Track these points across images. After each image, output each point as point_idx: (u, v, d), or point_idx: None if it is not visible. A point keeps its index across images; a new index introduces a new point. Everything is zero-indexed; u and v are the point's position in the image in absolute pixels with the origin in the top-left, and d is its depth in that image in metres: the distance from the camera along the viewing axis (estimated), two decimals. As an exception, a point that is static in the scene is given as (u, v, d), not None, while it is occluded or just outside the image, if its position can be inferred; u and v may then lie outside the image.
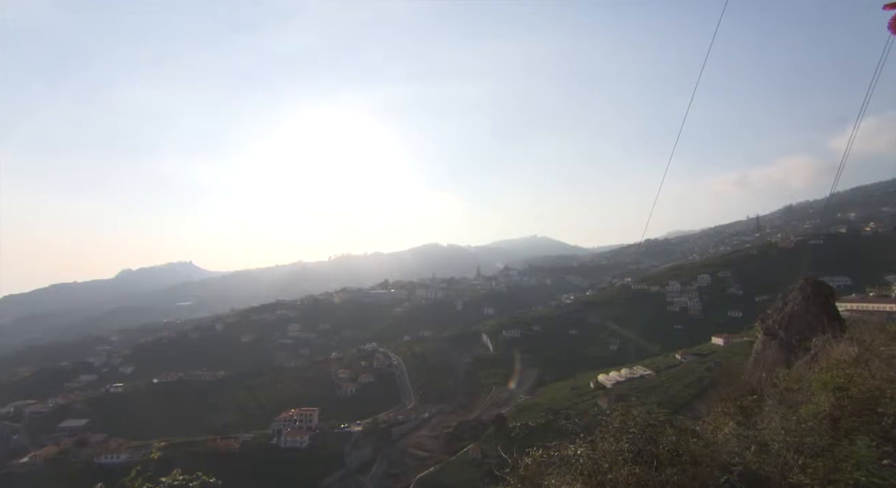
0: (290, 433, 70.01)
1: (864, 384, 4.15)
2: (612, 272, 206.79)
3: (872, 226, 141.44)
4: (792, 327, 9.86)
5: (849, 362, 4.87)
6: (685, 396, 56.41)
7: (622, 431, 3.62)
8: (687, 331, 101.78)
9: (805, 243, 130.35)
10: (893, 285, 76.36)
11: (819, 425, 3.77)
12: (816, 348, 7.09)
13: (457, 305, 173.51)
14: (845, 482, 2.98)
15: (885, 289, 72.29)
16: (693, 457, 3.18)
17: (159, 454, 40.95)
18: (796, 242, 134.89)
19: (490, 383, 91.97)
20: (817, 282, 9.73)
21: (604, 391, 66.63)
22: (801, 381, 5.27)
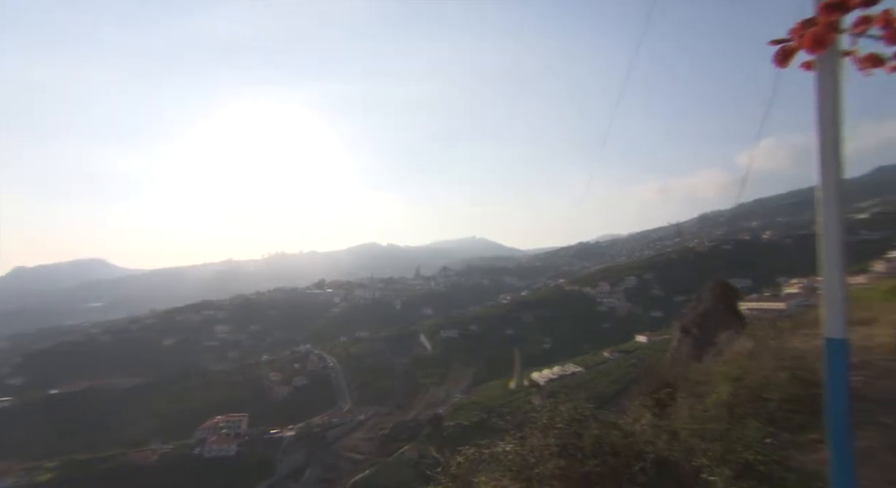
0: (216, 441, 65.97)
1: (756, 374, 4.64)
2: (547, 273, 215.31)
3: (769, 233, 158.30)
4: (704, 325, 10.72)
5: (745, 355, 5.44)
6: (611, 391, 59.92)
7: (550, 427, 3.78)
8: (614, 329, 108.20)
9: (717, 248, 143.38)
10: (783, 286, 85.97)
11: (719, 412, 4.18)
12: (722, 344, 7.82)
13: (395, 305, 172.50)
14: (736, 461, 3.33)
15: (777, 290, 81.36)
16: (613, 448, 3.39)
17: (51, 474, 36.12)
18: (709, 247, 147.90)
19: (428, 383, 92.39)
20: (725, 283, 10.72)
21: (537, 388, 69.16)
22: (708, 374, 5.79)
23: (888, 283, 15.31)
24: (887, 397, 4.68)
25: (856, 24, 1.84)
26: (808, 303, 54.89)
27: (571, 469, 3.31)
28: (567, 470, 3.25)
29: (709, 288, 10.48)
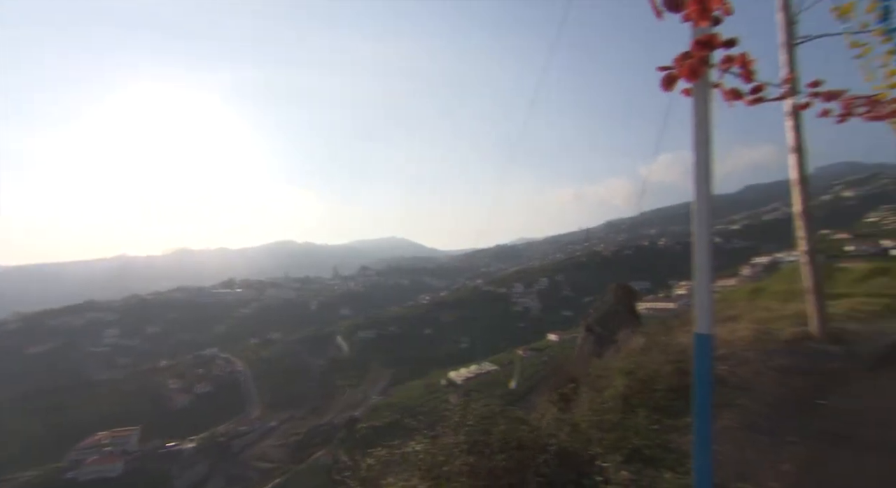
0: (97, 461, 58.41)
1: (647, 367, 5.14)
2: (467, 274, 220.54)
3: (664, 240, 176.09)
4: (606, 324, 11.60)
5: (638, 351, 6.00)
6: (524, 388, 62.78)
7: (460, 425, 3.86)
8: (528, 328, 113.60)
9: (620, 253, 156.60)
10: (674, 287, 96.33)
11: (615, 404, 4.56)
12: (621, 341, 8.53)
13: (311, 306, 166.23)
14: (627, 447, 3.67)
15: (669, 291, 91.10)
16: (519, 443, 3.55)
17: None
18: (614, 252, 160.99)
19: (344, 385, 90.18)
20: (625, 286, 11.71)
21: (454, 387, 70.44)
22: (607, 369, 6.29)
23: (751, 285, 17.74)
24: (745, 383, 5.43)
25: (722, 61, 2.12)
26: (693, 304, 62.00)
27: (479, 465, 3.42)
28: (475, 466, 3.35)
29: (610, 289, 11.39)
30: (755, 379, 5.64)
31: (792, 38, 7.68)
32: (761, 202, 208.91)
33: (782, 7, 7.85)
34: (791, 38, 7.68)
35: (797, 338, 7.28)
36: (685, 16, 1.76)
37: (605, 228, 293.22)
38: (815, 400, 5.15)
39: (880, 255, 53.38)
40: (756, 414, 4.66)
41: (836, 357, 6.65)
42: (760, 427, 4.34)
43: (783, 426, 4.36)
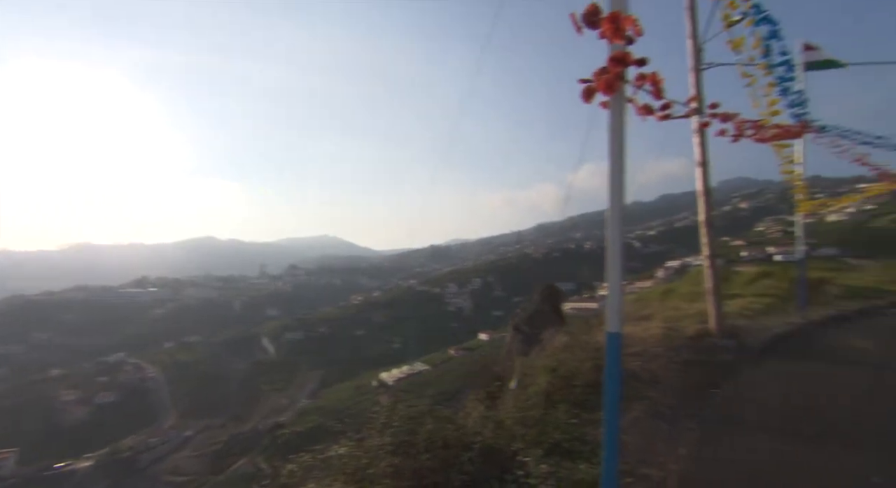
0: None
1: (568, 365, 5.41)
2: (400, 274, 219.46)
3: (589, 244, 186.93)
4: (532, 323, 12.01)
5: (560, 349, 6.30)
6: (455, 387, 63.50)
7: (387, 426, 3.83)
8: (460, 328, 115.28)
9: (549, 255, 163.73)
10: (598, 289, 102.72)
11: (538, 400, 4.76)
12: (546, 340, 8.89)
13: (234, 306, 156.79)
14: (547, 441, 3.84)
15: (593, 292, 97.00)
16: (445, 442, 3.58)
17: None
18: (543, 254, 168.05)
19: (270, 389, 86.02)
20: (551, 286, 12.23)
21: (385, 388, 69.76)
22: (532, 367, 6.54)
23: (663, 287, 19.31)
24: (654, 377, 5.90)
25: (636, 78, 2.28)
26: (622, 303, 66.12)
27: (404, 465, 3.40)
28: (400, 467, 3.33)
29: (537, 290, 11.85)
30: (663, 373, 6.15)
31: (699, 64, 8.48)
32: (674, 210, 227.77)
33: (691, 35, 8.65)
34: (698, 64, 8.48)
35: (699, 334, 8.05)
36: (601, 33, 1.89)
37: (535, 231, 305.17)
38: (710, 389, 5.72)
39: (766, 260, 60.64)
40: (662, 404, 5.08)
41: (729, 350, 7.43)
42: (665, 416, 4.74)
43: (683, 414, 4.79)
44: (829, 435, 4.20)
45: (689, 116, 2.80)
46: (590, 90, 2.07)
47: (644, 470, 3.64)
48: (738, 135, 4.51)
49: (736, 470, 3.64)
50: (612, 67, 1.96)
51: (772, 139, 5.79)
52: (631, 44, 2.00)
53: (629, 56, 1.97)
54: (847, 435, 4.17)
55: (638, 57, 2.00)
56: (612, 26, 1.84)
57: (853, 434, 4.21)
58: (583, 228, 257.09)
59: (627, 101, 2.23)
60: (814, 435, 4.21)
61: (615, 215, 2.09)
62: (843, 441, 4.04)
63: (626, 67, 2.00)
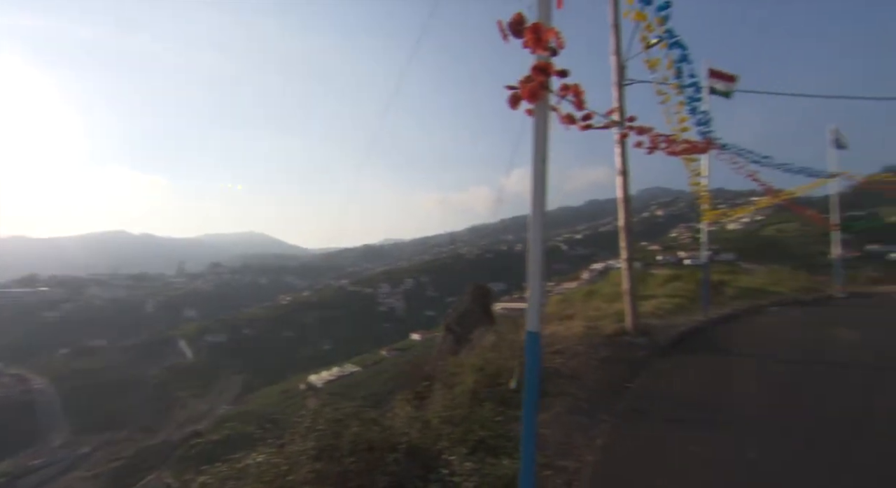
0: None
1: (495, 363, 5.55)
2: (332, 273, 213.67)
3: (520, 246, 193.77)
4: (463, 323, 12.18)
5: (488, 348, 6.45)
6: (387, 388, 62.77)
7: (310, 430, 3.71)
8: (393, 329, 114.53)
9: (483, 256, 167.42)
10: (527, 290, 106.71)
11: (464, 399, 4.83)
12: (475, 339, 9.06)
13: (146, 307, 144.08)
14: (473, 439, 3.91)
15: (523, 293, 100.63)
16: (370, 444, 3.53)
17: None
18: (477, 255, 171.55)
19: (186, 396, 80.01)
20: (481, 286, 12.49)
21: (314, 391, 67.57)
22: (460, 366, 6.63)
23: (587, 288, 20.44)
24: (575, 373, 6.24)
25: (560, 88, 2.38)
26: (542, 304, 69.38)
27: (328, 470, 3.31)
28: (323, 472, 3.24)
29: (468, 290, 12.05)
30: (583, 370, 6.51)
31: (621, 79, 9.09)
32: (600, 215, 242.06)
33: (614, 52, 9.25)
34: (621, 79, 9.09)
35: (616, 332, 8.61)
36: (524, 43, 1.96)
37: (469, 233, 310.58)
38: (625, 383, 6.15)
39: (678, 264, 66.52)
40: (581, 399, 5.37)
41: (642, 347, 8.03)
42: (583, 410, 5.01)
43: (600, 408, 5.11)
44: (721, 419, 4.67)
45: (609, 128, 2.99)
46: (515, 97, 2.14)
47: (562, 463, 3.83)
48: (653, 147, 4.88)
49: (644, 457, 3.93)
50: (535, 76, 2.04)
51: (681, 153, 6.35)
52: (555, 55, 2.10)
53: (552, 66, 2.06)
54: (735, 419, 4.66)
55: (560, 68, 2.10)
56: (534, 37, 1.91)
57: (740, 417, 4.71)
58: (514, 231, 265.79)
59: (551, 109, 2.33)
60: (708, 420, 4.65)
61: (537, 219, 2.18)
62: (731, 424, 4.51)
63: (550, 77, 2.09)
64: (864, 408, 4.85)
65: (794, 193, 16.91)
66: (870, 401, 5.06)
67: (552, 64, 2.08)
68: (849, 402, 5.04)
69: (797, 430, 4.35)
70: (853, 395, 5.28)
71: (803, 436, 4.19)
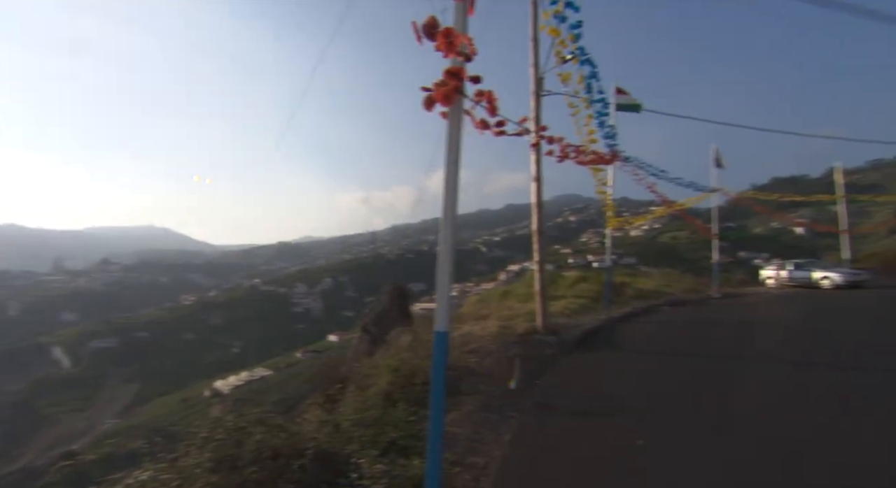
0: None
1: (410, 364, 5.55)
2: (243, 272, 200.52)
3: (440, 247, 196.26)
4: (380, 323, 12.06)
5: (404, 348, 6.45)
6: (301, 392, 60.20)
7: (208, 440, 3.44)
8: (309, 330, 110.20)
9: (404, 256, 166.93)
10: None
11: (377, 400, 4.77)
12: (391, 340, 9.01)
13: (9, 310, 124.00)
14: (385, 441, 3.87)
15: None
16: (275, 452, 3.36)
17: None
18: (398, 255, 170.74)
19: (61, 412, 70.37)
20: (399, 286, 12.45)
21: (220, 398, 62.87)
22: (375, 367, 6.55)
23: (503, 289, 21.20)
24: (488, 372, 6.45)
25: (475, 94, 2.44)
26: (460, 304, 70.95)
27: (226, 482, 3.09)
28: (220, 484, 3.01)
29: (386, 290, 11.96)
30: (495, 368, 6.74)
31: (539, 90, 9.57)
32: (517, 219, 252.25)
33: (533, 64, 9.72)
34: (538, 90, 9.56)
35: (528, 331, 9.04)
36: (437, 46, 1.99)
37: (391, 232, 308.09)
38: (534, 380, 6.47)
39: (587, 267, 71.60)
40: (492, 397, 5.56)
41: (551, 345, 8.50)
42: (494, 407, 5.19)
43: (510, 404, 5.32)
44: (616, 409, 5.08)
45: (522, 135, 3.13)
46: (430, 99, 2.16)
47: (471, 459, 3.92)
48: (563, 156, 5.19)
49: (548, 449, 4.16)
50: (448, 80, 2.08)
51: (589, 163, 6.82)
52: (469, 61, 2.14)
53: (465, 71, 2.11)
54: (628, 409, 5.10)
55: (474, 74, 2.16)
56: (445, 41, 1.95)
57: (633, 407, 5.16)
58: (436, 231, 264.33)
59: (466, 113, 2.38)
60: (607, 411, 5.04)
61: (448, 220, 2.21)
62: (625, 414, 4.93)
63: (462, 82, 2.14)
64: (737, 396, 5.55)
65: (685, 205, 19.05)
66: (741, 389, 5.81)
67: (465, 69, 2.12)
68: (724, 389, 5.75)
69: (680, 417, 4.86)
70: (728, 383, 6.02)
71: (685, 423, 4.70)
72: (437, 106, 2.21)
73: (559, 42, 5.87)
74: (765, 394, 5.54)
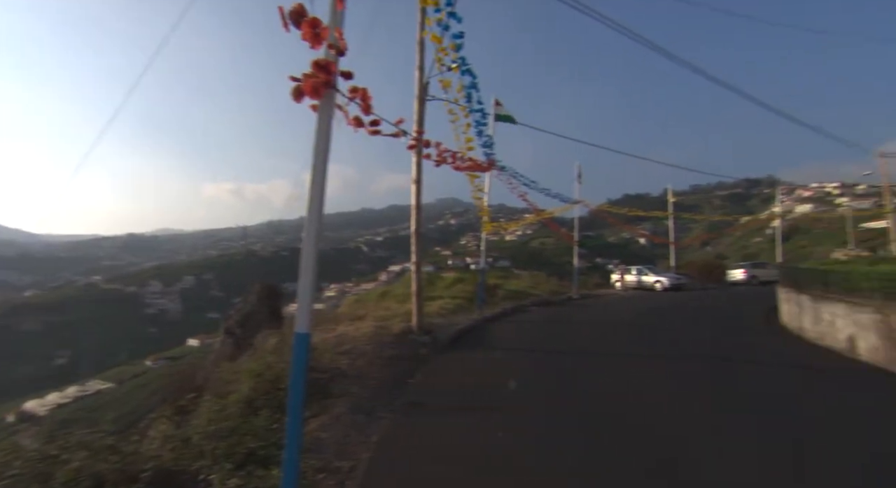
0: None
1: (276, 368, 5.22)
2: (79, 267, 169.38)
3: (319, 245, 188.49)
4: (246, 325, 11.17)
5: (270, 351, 6.04)
6: (150, 404, 52.84)
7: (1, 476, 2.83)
8: (165, 334, 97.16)
9: (278, 254, 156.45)
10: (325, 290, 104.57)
11: (236, 409, 4.39)
12: (257, 342, 8.38)
13: None
14: (242, 452, 3.57)
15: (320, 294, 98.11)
16: (97, 480, 2.88)
17: None
18: (272, 252, 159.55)
19: None
20: (270, 286, 11.65)
21: (34, 422, 52.10)
22: (236, 373, 6.03)
23: (382, 289, 21.13)
24: (360, 373, 6.35)
25: (350, 90, 2.39)
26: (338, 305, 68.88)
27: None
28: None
29: (255, 290, 11.12)
30: (368, 369, 6.67)
31: (422, 94, 9.74)
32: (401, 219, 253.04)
33: (418, 67, 9.88)
34: (422, 94, 9.74)
35: (403, 331, 9.12)
36: (302, 35, 1.90)
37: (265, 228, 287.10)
38: (406, 380, 6.55)
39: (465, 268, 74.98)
40: (363, 398, 5.48)
41: (425, 344, 8.70)
42: (364, 409, 5.12)
43: (381, 405, 5.30)
44: (485, 404, 5.37)
45: (398, 137, 3.14)
46: (298, 90, 2.05)
47: (337, 464, 3.82)
48: (440, 161, 5.34)
49: (415, 447, 4.23)
50: (316, 72, 2.00)
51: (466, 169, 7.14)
52: (342, 55, 2.08)
53: (333, 65, 2.04)
54: (494, 404, 5.43)
55: (346, 70, 2.10)
56: (311, 31, 1.87)
57: (498, 402, 5.51)
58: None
59: (338, 108, 2.31)
60: (474, 407, 5.30)
61: (312, 217, 2.12)
62: (490, 409, 5.24)
63: (333, 76, 2.07)
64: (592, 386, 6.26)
65: (553, 213, 21.06)
66: (590, 379, 6.57)
67: (335, 62, 2.06)
68: (578, 380, 6.44)
69: (539, 410, 5.32)
70: (579, 374, 6.77)
71: (543, 415, 5.15)
72: (306, 98, 2.11)
73: (440, 49, 6.05)
74: (607, 382, 6.37)
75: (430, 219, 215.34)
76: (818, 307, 8.96)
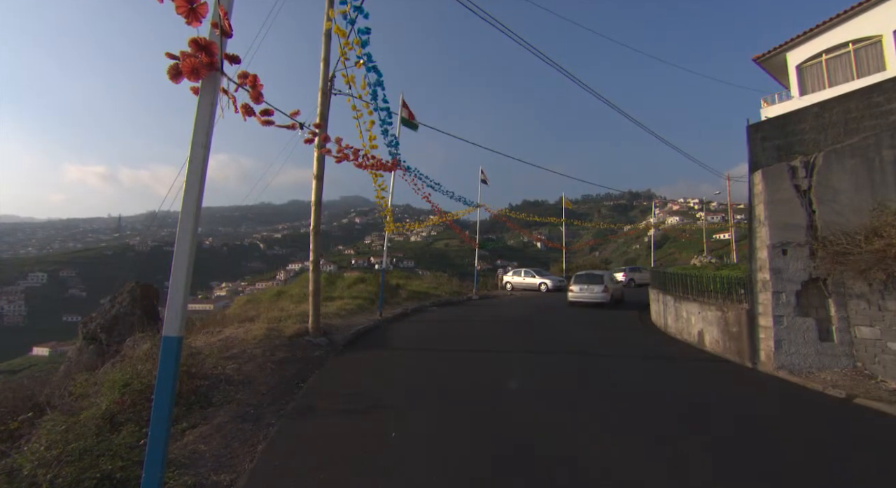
0: None
1: (148, 376, 4.66)
2: None
3: (210, 240, 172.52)
4: (114, 330, 9.87)
5: (142, 358, 5.38)
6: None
7: None
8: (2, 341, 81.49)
9: (160, 249, 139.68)
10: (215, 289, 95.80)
11: (91, 427, 3.83)
12: (126, 349, 7.42)
13: None
14: (94, 477, 3.12)
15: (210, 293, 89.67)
16: None
17: None
18: (152, 247, 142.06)
19: None
20: (145, 285, 10.39)
21: None
22: (96, 385, 5.27)
23: (277, 289, 19.97)
24: (247, 378, 5.92)
25: (239, 75, 2.22)
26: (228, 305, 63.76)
27: None
28: None
29: (127, 289, 9.86)
30: (256, 374, 6.25)
31: (327, 87, 9.41)
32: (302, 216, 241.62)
33: (323, 60, 9.53)
34: (326, 87, 9.41)
35: (298, 333, 8.71)
36: (176, 8, 1.72)
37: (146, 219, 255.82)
38: (299, 383, 6.25)
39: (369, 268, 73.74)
40: (249, 405, 5.12)
41: (321, 346, 8.39)
42: (250, 416, 4.78)
43: (269, 411, 4.99)
44: (377, 405, 5.32)
45: (293, 129, 2.99)
46: (176, 69, 1.85)
47: (216, 478, 3.52)
48: (342, 157, 5.19)
49: (304, 453, 4.04)
50: (195, 51, 1.82)
51: (369, 167, 7.03)
52: (228, 36, 1.92)
53: (215, 45, 1.88)
54: (388, 405, 5.40)
55: (231, 53, 1.95)
56: (186, 6, 1.70)
57: (392, 403, 5.50)
58: (206, 223, 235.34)
59: (224, 93, 2.14)
60: (367, 408, 5.22)
61: (189, 209, 1.93)
62: (384, 409, 5.21)
63: (215, 57, 1.90)
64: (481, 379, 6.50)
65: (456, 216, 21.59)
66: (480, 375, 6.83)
67: (215, 43, 1.90)
68: (475, 380, 6.65)
69: (432, 409, 5.39)
70: (471, 372, 7.00)
71: (436, 414, 5.23)
72: (185, 81, 1.91)
73: (345, 43, 5.89)
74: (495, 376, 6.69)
75: (335, 216, 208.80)
76: (679, 306, 10.33)
